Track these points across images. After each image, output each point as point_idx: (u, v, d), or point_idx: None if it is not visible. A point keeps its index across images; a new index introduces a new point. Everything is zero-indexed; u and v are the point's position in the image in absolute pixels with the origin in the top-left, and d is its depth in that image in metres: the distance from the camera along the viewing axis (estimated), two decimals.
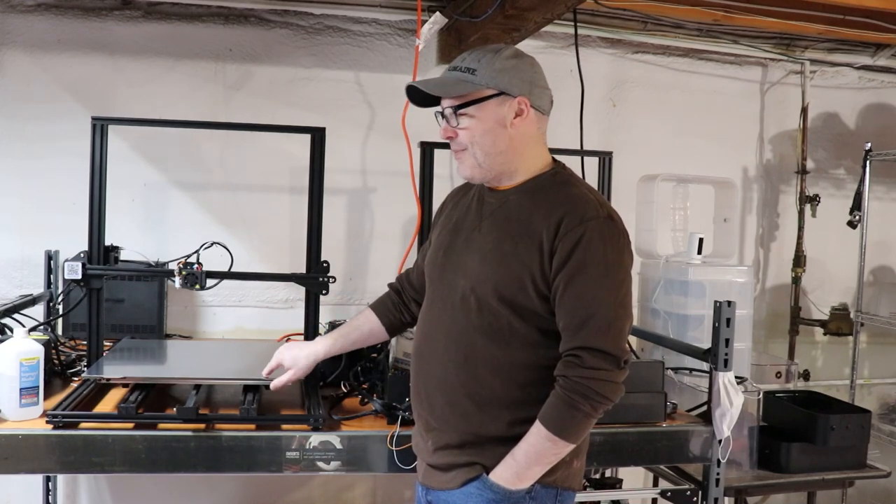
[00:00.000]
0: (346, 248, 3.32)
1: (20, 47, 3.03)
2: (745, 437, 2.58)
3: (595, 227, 1.58)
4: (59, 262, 2.91)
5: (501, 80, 1.64)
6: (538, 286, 1.60)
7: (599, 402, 1.57)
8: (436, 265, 1.78)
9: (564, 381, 1.58)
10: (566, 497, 1.69)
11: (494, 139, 1.66)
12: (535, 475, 1.62)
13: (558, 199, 1.64)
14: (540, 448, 1.59)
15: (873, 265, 3.92)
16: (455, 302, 1.68)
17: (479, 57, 1.66)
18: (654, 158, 3.39)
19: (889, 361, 4.01)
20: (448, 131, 1.69)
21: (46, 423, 1.92)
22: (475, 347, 1.65)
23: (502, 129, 1.66)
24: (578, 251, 1.57)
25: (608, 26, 3.47)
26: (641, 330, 2.86)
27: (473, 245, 1.70)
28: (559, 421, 1.58)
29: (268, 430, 2.00)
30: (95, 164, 2.21)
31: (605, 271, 1.58)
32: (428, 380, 1.73)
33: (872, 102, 3.93)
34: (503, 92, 1.64)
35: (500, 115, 1.65)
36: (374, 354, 2.50)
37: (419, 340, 1.78)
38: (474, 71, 1.65)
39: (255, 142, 3.18)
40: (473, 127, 1.66)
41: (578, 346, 1.57)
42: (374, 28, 3.31)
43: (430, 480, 1.74)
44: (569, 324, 1.59)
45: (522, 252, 1.61)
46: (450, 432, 1.68)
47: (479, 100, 1.65)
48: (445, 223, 1.83)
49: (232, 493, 3.24)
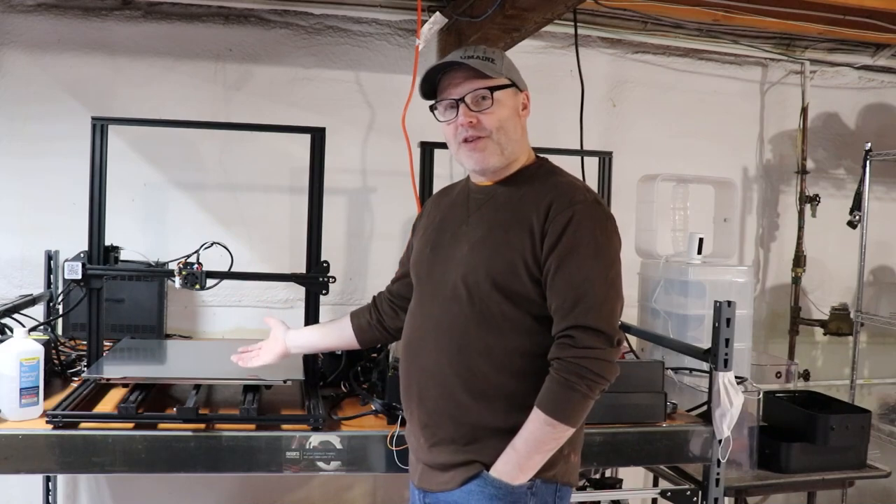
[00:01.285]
0: (346, 248, 3.32)
1: (20, 47, 3.04)
2: (745, 437, 2.58)
3: (584, 209, 1.61)
4: (59, 262, 2.91)
5: (513, 73, 1.73)
6: (531, 270, 1.61)
7: (595, 382, 1.57)
8: (423, 263, 1.79)
9: (559, 364, 1.58)
10: (565, 492, 1.69)
11: (515, 125, 1.71)
12: (535, 465, 1.61)
13: (546, 186, 1.68)
14: (540, 435, 1.59)
15: (873, 265, 3.92)
16: (446, 295, 1.68)
17: (490, 50, 1.70)
18: (654, 158, 3.39)
19: (889, 361, 4.01)
20: (471, 116, 1.67)
21: (46, 423, 1.92)
22: (468, 337, 1.65)
23: (517, 118, 1.72)
24: (568, 233, 1.59)
25: (608, 26, 3.47)
26: (641, 330, 2.86)
27: (462, 238, 1.71)
28: (557, 404, 1.57)
29: (268, 430, 2.00)
30: (95, 164, 2.21)
31: (596, 252, 1.60)
32: (420, 375, 1.72)
33: (872, 102, 3.93)
34: (515, 84, 1.71)
35: (516, 105, 1.72)
36: (374, 354, 2.51)
37: (408, 337, 1.78)
38: (493, 61, 1.68)
39: (255, 142, 3.18)
40: (500, 112, 1.68)
41: (571, 326, 1.57)
42: (374, 28, 3.31)
43: (428, 483, 1.72)
44: (561, 305, 1.59)
45: (514, 238, 1.63)
46: (445, 426, 1.67)
47: (504, 86, 1.69)
48: (429, 223, 1.84)
49: (232, 493, 3.24)
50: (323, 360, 2.43)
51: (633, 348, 2.86)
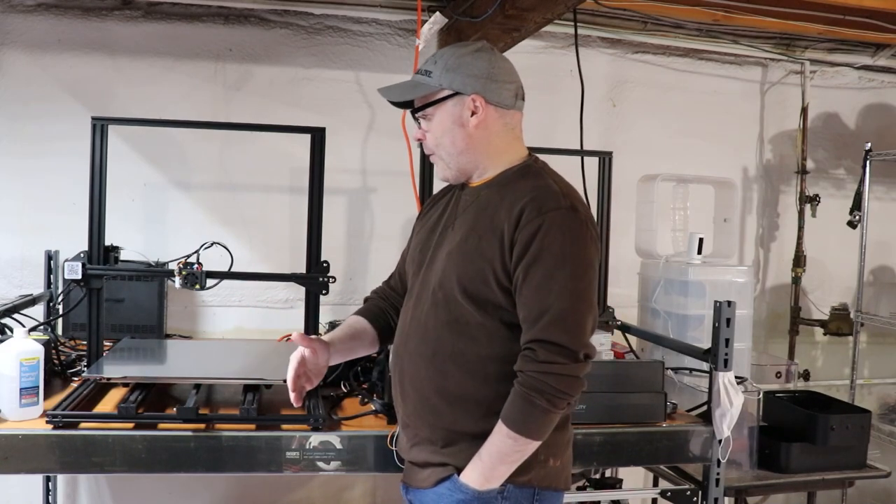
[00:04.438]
0: (346, 248, 3.32)
1: (20, 47, 3.04)
2: (745, 437, 2.58)
3: (555, 217, 1.56)
4: (59, 262, 2.91)
5: (454, 79, 1.65)
6: (500, 279, 1.59)
7: (556, 397, 1.53)
8: (414, 263, 1.79)
9: (521, 377, 1.56)
10: (547, 497, 1.67)
11: (453, 139, 1.67)
12: (501, 475, 1.59)
13: (523, 191, 1.62)
14: (502, 447, 1.57)
15: (873, 265, 3.92)
16: (427, 298, 1.68)
17: (437, 57, 1.68)
18: (654, 158, 3.39)
19: (889, 361, 4.01)
20: (418, 133, 1.73)
21: (46, 423, 1.92)
22: (443, 343, 1.64)
23: (460, 128, 1.67)
24: (536, 242, 1.55)
25: (608, 26, 3.47)
26: (641, 330, 2.86)
27: (445, 242, 1.71)
28: (518, 417, 1.55)
29: (268, 430, 2.00)
30: (95, 164, 2.21)
31: (562, 263, 1.55)
32: (402, 376, 1.72)
33: (872, 102, 3.93)
34: (457, 91, 1.65)
35: (457, 115, 1.66)
36: (374, 354, 2.51)
37: (397, 338, 1.78)
38: (430, 73, 1.66)
39: (255, 142, 3.18)
40: (434, 128, 1.69)
41: (533, 340, 1.55)
42: (374, 28, 3.31)
43: (410, 479, 1.74)
44: (526, 316, 1.57)
45: (485, 246, 1.61)
46: (422, 428, 1.68)
47: (436, 101, 1.66)
48: (425, 222, 1.84)
49: (232, 493, 3.24)
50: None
51: (633, 348, 2.86)
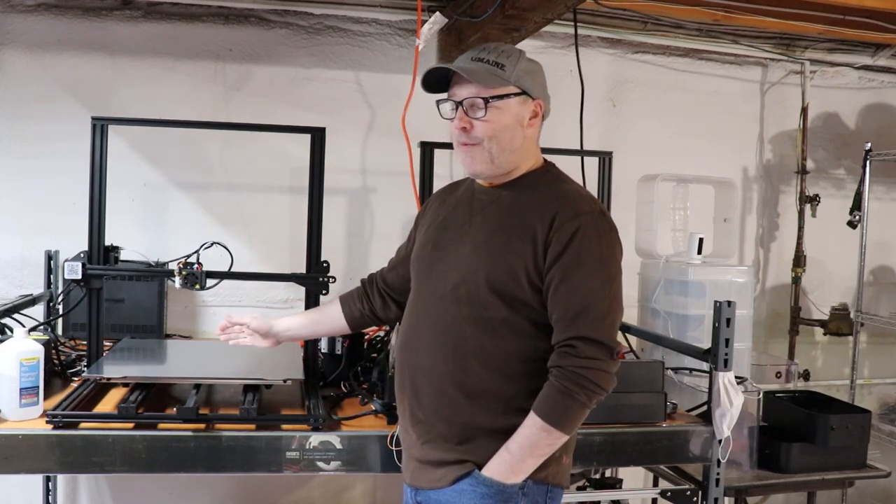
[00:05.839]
0: (346, 248, 3.32)
1: (20, 47, 3.04)
2: (745, 437, 2.58)
3: (590, 221, 1.62)
4: (59, 262, 2.91)
5: (526, 81, 1.69)
6: (531, 278, 1.62)
7: (594, 392, 1.59)
8: (423, 260, 1.79)
9: (559, 372, 1.59)
10: (556, 494, 1.70)
11: (512, 136, 1.68)
12: (529, 468, 1.63)
13: (552, 194, 1.67)
14: (535, 439, 1.60)
15: (873, 265, 3.92)
16: (445, 294, 1.69)
17: (505, 54, 1.68)
18: (654, 158, 3.39)
19: (889, 361, 4.01)
20: (465, 121, 1.68)
21: (46, 423, 1.92)
22: (465, 338, 1.66)
23: (520, 127, 1.69)
24: (574, 245, 1.60)
25: (608, 26, 3.47)
26: (641, 330, 2.86)
27: (465, 239, 1.71)
28: (555, 411, 1.59)
29: (268, 430, 2.00)
30: (95, 164, 2.21)
31: (600, 265, 1.62)
32: (415, 371, 1.72)
33: (872, 102, 3.93)
34: (525, 92, 1.68)
35: (521, 114, 1.69)
36: (374, 354, 2.51)
37: (405, 333, 1.79)
38: (503, 66, 1.66)
39: (255, 142, 3.18)
40: (495, 121, 1.67)
41: (573, 336, 1.59)
42: (374, 28, 3.31)
43: (420, 480, 1.73)
44: (563, 315, 1.61)
45: (516, 244, 1.63)
46: (439, 424, 1.68)
47: (506, 95, 1.67)
48: (433, 220, 1.84)
49: (232, 493, 3.24)
50: (323, 360, 2.43)
51: (633, 348, 2.86)
